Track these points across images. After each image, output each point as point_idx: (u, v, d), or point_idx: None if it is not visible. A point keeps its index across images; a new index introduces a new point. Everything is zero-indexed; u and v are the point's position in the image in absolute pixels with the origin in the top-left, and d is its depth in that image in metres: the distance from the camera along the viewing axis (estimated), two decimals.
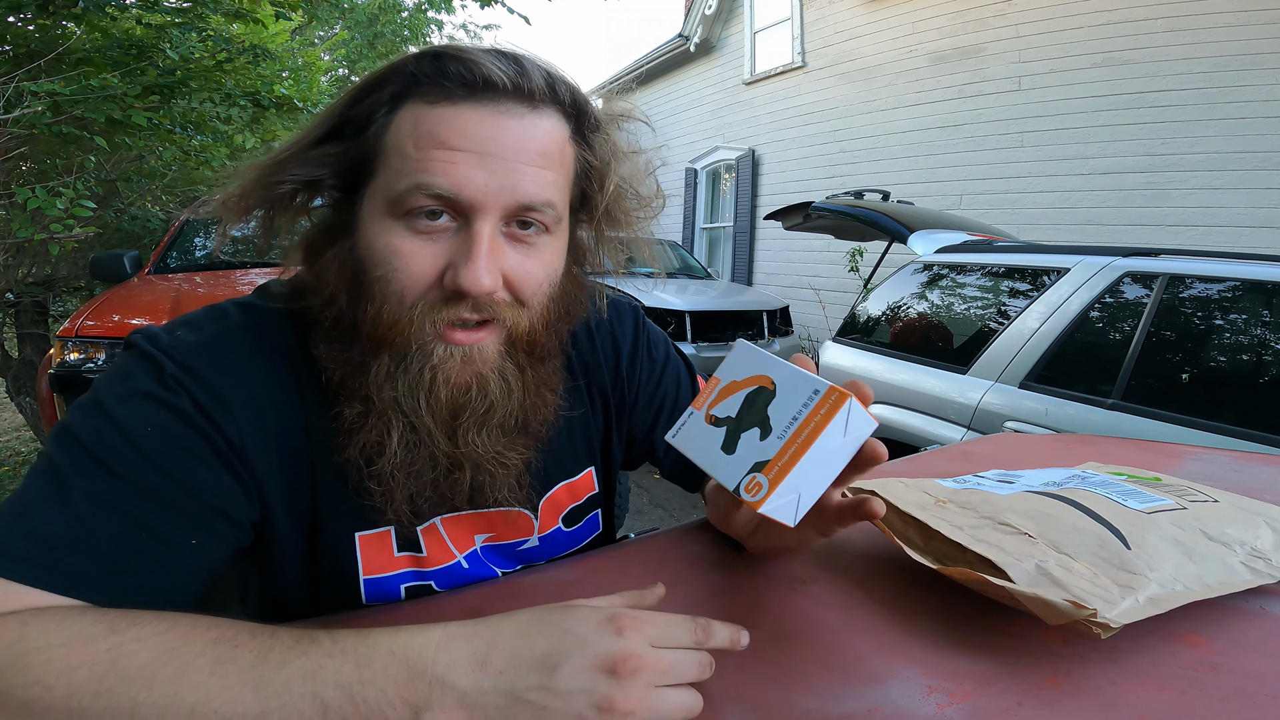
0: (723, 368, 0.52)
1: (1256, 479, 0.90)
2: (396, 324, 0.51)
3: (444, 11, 10.46)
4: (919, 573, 0.55)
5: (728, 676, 0.45)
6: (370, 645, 0.38)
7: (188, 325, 0.54)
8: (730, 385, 0.51)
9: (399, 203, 0.50)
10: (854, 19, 6.49)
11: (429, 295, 0.51)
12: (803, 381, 0.48)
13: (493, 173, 0.49)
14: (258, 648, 0.38)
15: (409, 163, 0.49)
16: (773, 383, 0.49)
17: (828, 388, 0.46)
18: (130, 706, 0.36)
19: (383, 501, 0.55)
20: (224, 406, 0.51)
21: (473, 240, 0.50)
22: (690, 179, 8.98)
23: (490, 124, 0.49)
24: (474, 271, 0.49)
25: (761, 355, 0.50)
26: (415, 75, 0.50)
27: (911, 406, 2.42)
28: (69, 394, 2.51)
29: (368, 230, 0.52)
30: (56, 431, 0.48)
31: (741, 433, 0.48)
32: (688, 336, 4.74)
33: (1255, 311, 1.85)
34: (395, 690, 0.36)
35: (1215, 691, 0.43)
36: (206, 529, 0.50)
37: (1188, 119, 4.19)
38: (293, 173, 0.53)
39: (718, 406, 0.50)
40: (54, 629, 0.39)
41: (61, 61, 2.98)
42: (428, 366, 0.52)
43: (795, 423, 0.46)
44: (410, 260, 0.50)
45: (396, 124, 0.51)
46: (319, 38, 9.91)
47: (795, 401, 0.47)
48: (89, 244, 4.44)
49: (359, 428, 0.53)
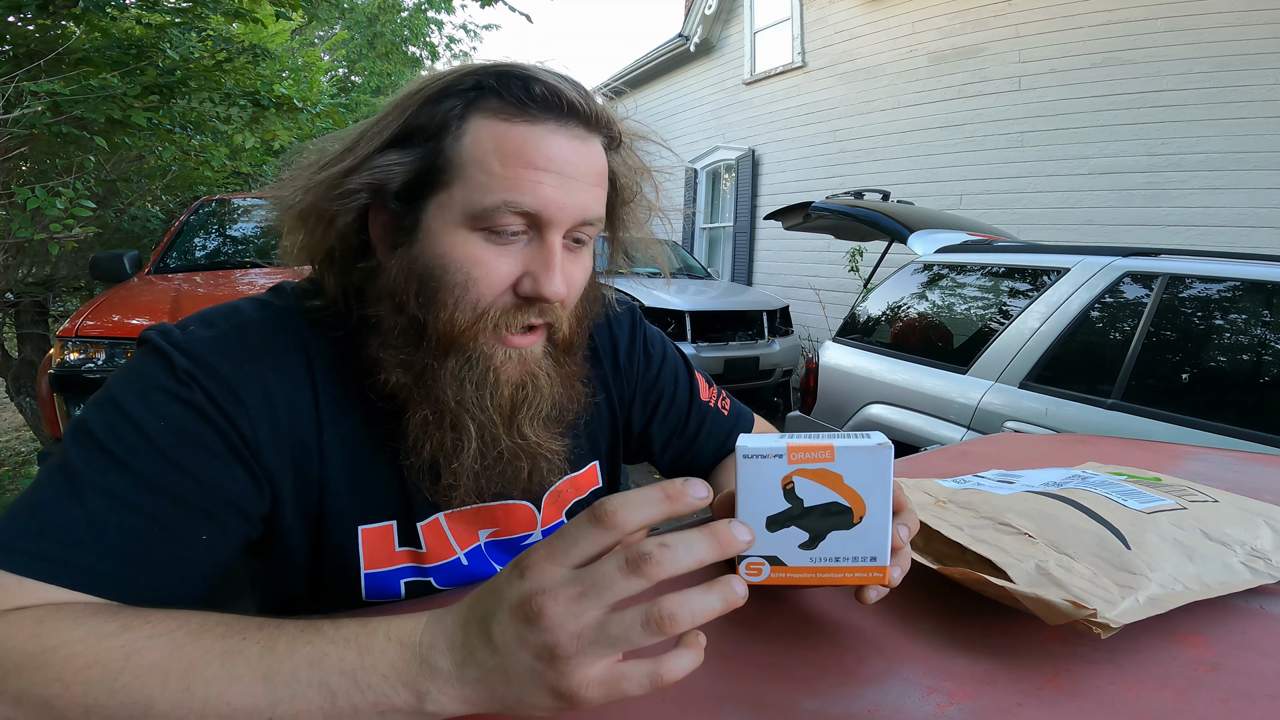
0: (848, 452, 0.43)
1: (1256, 479, 0.90)
2: (469, 329, 0.54)
3: (444, 11, 10.47)
4: (919, 573, 0.55)
5: (728, 677, 0.45)
6: (370, 632, 0.38)
7: (201, 321, 0.55)
8: (834, 479, 0.43)
9: (483, 217, 0.52)
10: (854, 19, 6.49)
11: (501, 301, 0.54)
12: (875, 544, 0.44)
13: (568, 192, 0.53)
14: (264, 640, 0.39)
15: (496, 180, 0.51)
16: (860, 519, 0.43)
17: (885, 566, 0.44)
18: (145, 703, 0.36)
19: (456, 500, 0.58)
20: (237, 401, 0.51)
21: (550, 252, 0.53)
22: (690, 179, 8.98)
23: (567, 147, 0.53)
24: (554, 281, 0.53)
25: (886, 485, 0.43)
26: (491, 89, 0.52)
27: (911, 406, 2.42)
28: (69, 394, 2.51)
29: (440, 239, 0.53)
30: (71, 428, 0.49)
31: (792, 524, 0.44)
32: (688, 336, 4.74)
33: (1255, 311, 1.85)
34: (396, 674, 0.36)
35: (1215, 691, 0.43)
36: (219, 524, 0.50)
37: (1188, 119, 4.19)
38: (363, 180, 0.53)
39: (802, 482, 0.43)
40: (68, 626, 0.39)
41: (61, 61, 2.98)
42: (491, 369, 0.55)
43: (835, 563, 0.44)
44: (489, 270, 0.53)
45: (472, 137, 0.52)
46: (319, 38, 9.91)
47: (855, 550, 0.44)
48: (89, 244, 4.44)
49: (434, 430, 0.56)
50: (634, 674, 0.34)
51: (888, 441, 0.43)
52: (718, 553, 0.35)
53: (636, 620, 0.33)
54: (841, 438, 0.44)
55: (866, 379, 2.62)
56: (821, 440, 0.43)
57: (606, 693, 0.34)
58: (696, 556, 0.34)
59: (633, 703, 0.42)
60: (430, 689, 0.36)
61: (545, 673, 0.34)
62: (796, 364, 5.31)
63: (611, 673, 0.34)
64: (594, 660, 0.34)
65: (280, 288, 0.62)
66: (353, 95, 9.98)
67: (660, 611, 0.33)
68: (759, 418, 0.91)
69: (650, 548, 0.33)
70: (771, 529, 0.43)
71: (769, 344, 5.07)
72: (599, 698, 0.34)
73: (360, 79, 11.12)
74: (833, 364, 2.80)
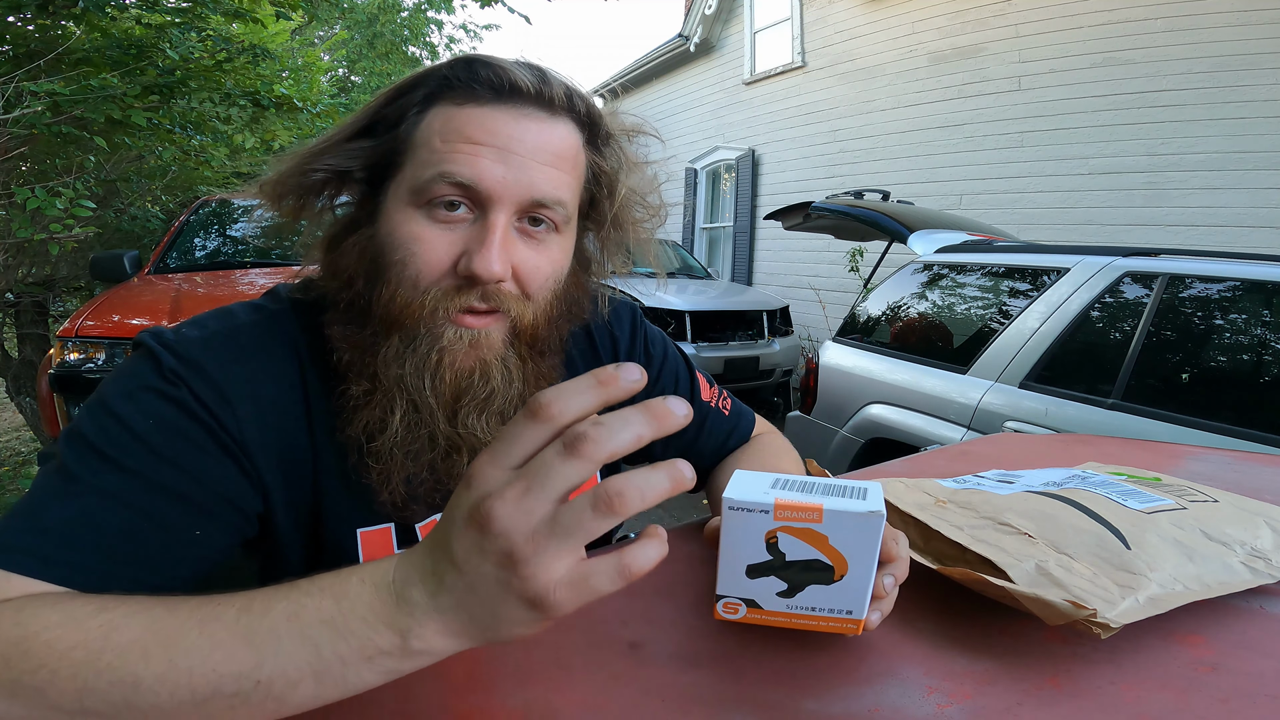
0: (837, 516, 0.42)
1: (1256, 479, 0.90)
2: (409, 307, 0.54)
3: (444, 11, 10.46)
4: (919, 573, 0.55)
5: (728, 677, 0.45)
6: (343, 579, 0.37)
7: (193, 323, 0.56)
8: (820, 539, 0.43)
9: (422, 191, 0.53)
10: (854, 19, 6.49)
11: (443, 282, 0.54)
12: (854, 599, 0.44)
13: (511, 167, 0.52)
14: (240, 603, 0.38)
15: (435, 155, 0.53)
16: (841, 577, 0.44)
17: (860, 620, 0.45)
18: (132, 680, 0.36)
19: (380, 481, 0.56)
20: (224, 400, 0.52)
21: (487, 230, 0.53)
22: (690, 179, 8.98)
23: (513, 124, 0.53)
24: (486, 259, 0.52)
25: (873, 549, 0.43)
26: (447, 79, 0.54)
27: (911, 406, 2.42)
28: (69, 394, 2.51)
29: (390, 218, 0.55)
30: (65, 432, 0.49)
31: (771, 575, 0.44)
32: (688, 336, 4.74)
33: (1255, 311, 1.85)
34: (375, 616, 0.35)
35: (1215, 691, 0.43)
36: (213, 517, 0.50)
37: (1188, 119, 4.19)
38: (326, 163, 0.56)
39: (786, 538, 0.43)
40: (46, 611, 0.39)
41: (61, 61, 2.98)
42: (435, 348, 0.54)
43: (812, 612, 0.45)
44: (428, 246, 0.53)
45: (426, 122, 0.54)
46: (319, 38, 9.91)
47: (832, 602, 0.44)
48: (89, 244, 4.44)
49: (363, 405, 0.55)
50: (601, 569, 0.33)
51: (881, 510, 0.42)
52: (655, 428, 0.32)
53: (585, 505, 0.32)
54: (835, 495, 0.43)
55: (866, 379, 2.62)
56: (812, 500, 0.42)
57: (577, 593, 0.33)
58: (634, 432, 0.32)
59: (633, 703, 0.42)
60: (411, 625, 0.35)
61: (510, 580, 0.33)
62: (796, 364, 5.31)
63: (579, 571, 0.33)
64: (554, 558, 0.32)
65: (275, 291, 0.62)
66: (353, 95, 9.98)
67: (608, 490, 0.31)
68: (760, 418, 0.91)
69: (585, 427, 0.32)
70: (751, 576, 0.44)
71: (769, 344, 5.07)
72: (571, 598, 0.33)
73: (360, 79, 11.12)
74: (833, 364, 2.80)
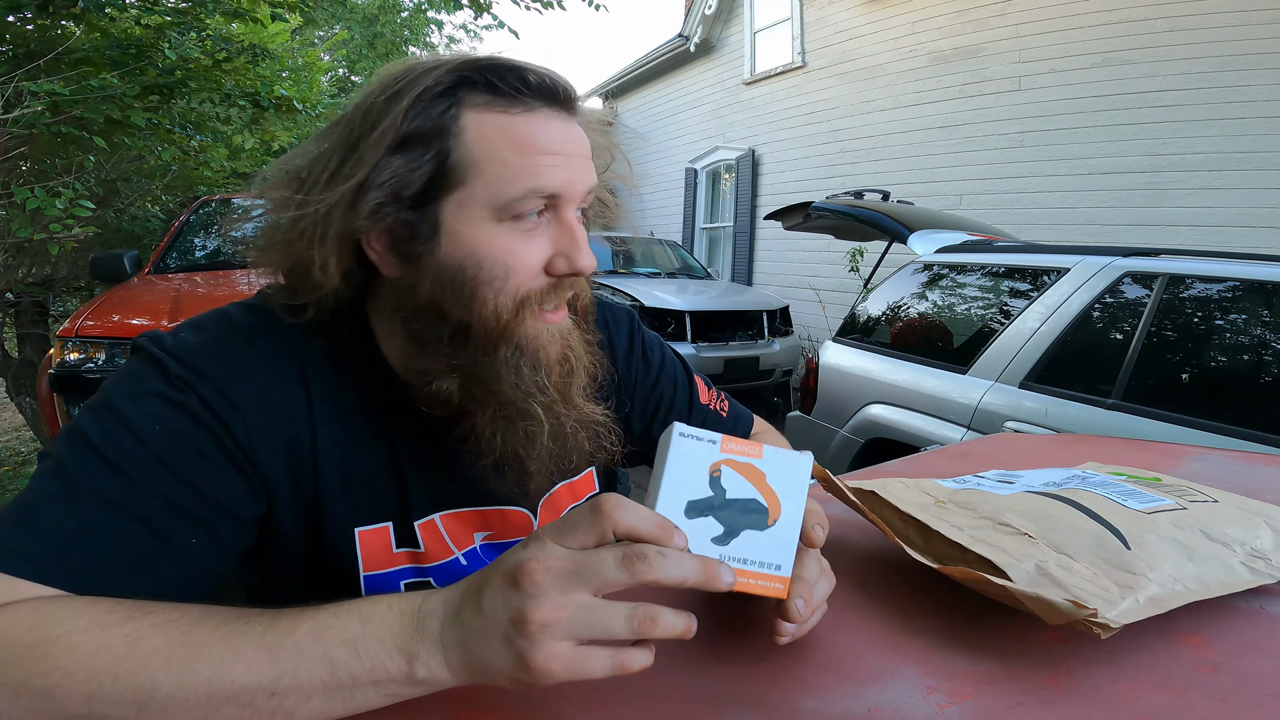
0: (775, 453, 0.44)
1: (1256, 479, 0.90)
2: (514, 317, 0.54)
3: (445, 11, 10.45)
4: (919, 573, 0.55)
5: (728, 677, 0.45)
6: (373, 603, 0.40)
7: (192, 328, 0.56)
8: (759, 476, 0.44)
9: (509, 207, 0.52)
10: (854, 19, 6.49)
11: (536, 284, 0.55)
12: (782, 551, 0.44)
13: (573, 169, 0.55)
14: (267, 619, 0.40)
15: (513, 170, 0.52)
16: (774, 521, 0.44)
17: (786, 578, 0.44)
18: (150, 685, 0.37)
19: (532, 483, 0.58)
20: (231, 406, 0.51)
21: (570, 229, 0.55)
22: (690, 179, 8.98)
23: (564, 129, 0.55)
24: (586, 256, 0.55)
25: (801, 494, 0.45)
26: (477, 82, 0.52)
27: (911, 406, 2.42)
28: (69, 394, 2.51)
29: (467, 237, 0.52)
30: (65, 432, 0.49)
31: (710, 514, 0.43)
32: (687, 336, 4.74)
33: (1255, 311, 1.85)
34: (392, 639, 0.38)
35: (1215, 691, 0.43)
36: (211, 529, 0.50)
37: (1188, 119, 4.19)
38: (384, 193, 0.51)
39: (729, 472, 0.43)
40: (70, 617, 0.40)
41: (61, 61, 2.98)
42: (540, 349, 0.56)
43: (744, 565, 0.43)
44: (523, 257, 0.54)
45: (477, 134, 0.52)
46: (319, 38, 9.91)
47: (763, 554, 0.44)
48: (89, 244, 4.44)
49: (504, 423, 0.56)
50: (599, 656, 0.37)
51: (810, 454, 0.46)
52: (701, 581, 0.38)
53: (622, 613, 0.36)
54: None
55: (866, 379, 2.62)
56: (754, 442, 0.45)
57: (569, 669, 0.36)
58: (682, 574, 0.37)
59: (632, 703, 0.42)
60: (420, 651, 0.38)
61: (517, 639, 0.36)
62: (796, 364, 5.31)
63: (578, 652, 0.36)
64: (565, 637, 0.36)
65: (264, 293, 0.60)
66: (353, 96, 9.95)
67: (649, 613, 0.36)
68: (758, 418, 0.91)
69: (648, 550, 0.37)
70: (690, 515, 0.43)
71: (769, 344, 5.07)
72: (561, 672, 0.36)
73: (360, 79, 11.11)
74: (833, 364, 2.80)
